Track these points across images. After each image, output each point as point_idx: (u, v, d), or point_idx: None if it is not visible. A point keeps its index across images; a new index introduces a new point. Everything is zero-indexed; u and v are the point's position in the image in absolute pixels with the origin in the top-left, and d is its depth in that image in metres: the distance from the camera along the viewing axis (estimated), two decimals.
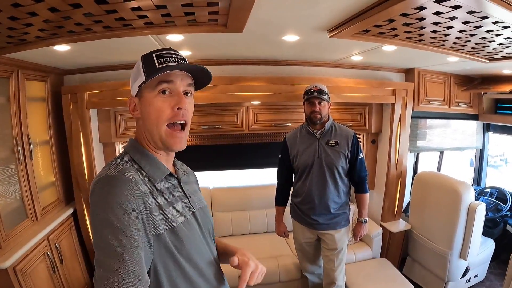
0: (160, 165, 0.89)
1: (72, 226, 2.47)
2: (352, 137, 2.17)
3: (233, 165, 3.52)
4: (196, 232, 0.91)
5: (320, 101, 2.12)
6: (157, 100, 0.86)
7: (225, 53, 2.38)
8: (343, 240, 2.25)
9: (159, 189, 0.86)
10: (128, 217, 0.72)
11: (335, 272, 2.24)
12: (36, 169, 2.17)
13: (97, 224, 0.72)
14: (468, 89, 3.19)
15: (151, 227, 0.77)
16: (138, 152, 0.89)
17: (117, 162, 0.85)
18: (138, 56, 0.93)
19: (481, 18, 1.37)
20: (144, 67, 0.87)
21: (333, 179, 2.15)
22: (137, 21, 1.38)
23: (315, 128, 2.19)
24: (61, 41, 1.62)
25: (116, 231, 0.70)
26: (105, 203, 0.73)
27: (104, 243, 0.69)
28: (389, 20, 1.44)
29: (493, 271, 3.16)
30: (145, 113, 0.88)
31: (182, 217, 0.87)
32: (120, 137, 2.59)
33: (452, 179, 2.61)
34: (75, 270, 2.43)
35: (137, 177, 0.81)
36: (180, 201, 0.91)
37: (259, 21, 1.53)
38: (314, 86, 2.14)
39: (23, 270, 1.86)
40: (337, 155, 2.14)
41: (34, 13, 1.19)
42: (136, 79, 0.89)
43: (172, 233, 0.82)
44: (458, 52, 2.08)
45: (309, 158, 2.16)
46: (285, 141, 2.31)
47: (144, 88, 0.87)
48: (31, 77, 2.15)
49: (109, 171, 0.79)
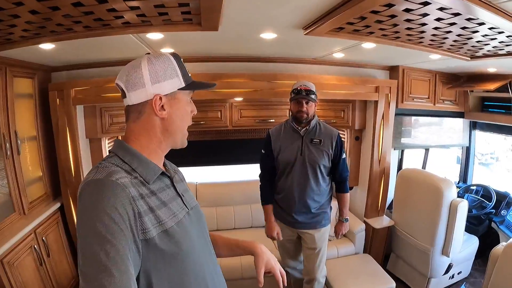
0: (152, 165, 0.87)
1: (59, 220, 2.50)
2: (336, 137, 2.18)
3: (218, 161, 3.56)
4: (191, 232, 0.90)
5: (308, 101, 2.09)
6: (188, 106, 0.93)
7: (207, 50, 2.40)
8: (323, 239, 2.26)
9: (151, 190, 0.84)
10: (116, 225, 0.70)
11: (315, 269, 2.28)
12: (23, 164, 2.20)
13: (83, 233, 0.70)
14: (453, 87, 3.21)
15: (139, 232, 0.75)
16: (128, 153, 0.85)
17: (105, 164, 0.81)
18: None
19: (453, 15, 1.38)
20: (181, 71, 0.90)
21: (315, 177, 2.15)
22: (115, 21, 1.42)
23: (300, 126, 2.17)
24: (45, 40, 1.66)
25: (103, 241, 0.67)
26: (91, 210, 0.71)
27: (90, 254, 0.67)
28: (361, 18, 1.47)
29: (478, 268, 3.18)
30: (176, 115, 0.90)
31: (176, 218, 0.86)
32: (105, 133, 2.62)
33: (434, 176, 2.64)
34: (62, 264, 2.47)
35: (126, 179, 0.78)
36: (173, 201, 0.89)
37: (233, 20, 1.56)
38: (303, 85, 2.10)
39: (10, 262, 1.89)
40: (320, 154, 2.14)
41: (17, 15, 1.24)
42: (168, 78, 0.87)
43: (165, 236, 0.80)
44: (438, 50, 2.10)
45: (292, 155, 2.15)
46: (268, 136, 2.26)
47: (179, 92, 0.90)
48: (19, 74, 2.18)
49: (96, 175, 0.77)
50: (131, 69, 0.86)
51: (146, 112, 0.87)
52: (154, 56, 0.87)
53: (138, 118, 0.88)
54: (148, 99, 0.86)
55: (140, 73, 0.85)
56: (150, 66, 0.85)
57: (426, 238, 2.63)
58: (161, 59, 0.87)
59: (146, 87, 0.85)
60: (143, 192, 0.81)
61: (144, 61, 0.86)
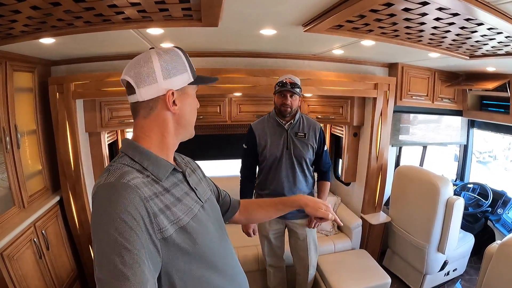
0: (163, 162, 0.86)
1: (58, 214, 2.52)
2: (319, 130, 2.21)
3: (216, 155, 3.57)
4: (207, 225, 0.91)
5: (292, 94, 2.08)
6: (195, 100, 0.95)
7: (206, 46, 2.40)
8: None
9: (164, 187, 0.84)
10: (130, 229, 0.69)
11: (309, 257, 2.34)
12: (23, 158, 2.21)
13: (98, 238, 0.69)
14: (452, 85, 3.21)
15: (157, 232, 0.75)
16: (137, 152, 0.84)
17: (116, 166, 0.80)
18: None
19: (452, 15, 1.39)
20: (189, 66, 0.90)
21: (301, 170, 2.19)
22: (115, 17, 1.42)
23: (285, 120, 2.17)
24: (45, 35, 1.66)
25: (118, 247, 0.66)
26: (105, 216, 0.70)
27: (105, 260, 0.66)
28: (360, 16, 1.48)
29: (473, 265, 3.21)
30: (187, 110, 0.91)
31: (191, 213, 0.86)
32: (105, 127, 2.63)
33: (431, 174, 2.65)
34: (62, 257, 2.48)
35: (139, 180, 0.77)
36: (187, 196, 0.89)
37: (233, 16, 1.57)
38: (288, 77, 2.09)
39: (10, 255, 1.90)
40: (305, 147, 2.16)
41: (18, 11, 1.25)
42: (179, 73, 0.87)
43: (183, 232, 0.80)
44: (437, 48, 2.10)
45: (278, 150, 2.15)
46: (251, 131, 2.21)
47: (188, 86, 0.90)
48: (19, 68, 2.18)
49: (108, 178, 0.76)
50: (141, 64, 0.84)
51: (157, 108, 0.86)
52: (163, 51, 0.86)
53: (149, 114, 0.86)
54: (160, 94, 0.84)
55: (151, 68, 0.83)
56: (161, 61, 0.84)
57: (422, 235, 2.65)
58: (170, 54, 0.86)
59: (158, 83, 0.83)
60: (157, 191, 0.81)
61: (155, 55, 0.84)
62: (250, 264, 2.72)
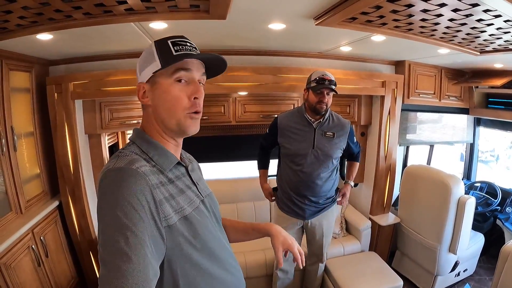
0: (169, 154, 0.89)
1: (57, 219, 2.44)
2: (349, 129, 2.18)
3: (221, 157, 3.51)
4: (207, 219, 0.92)
5: (329, 92, 2.01)
6: (173, 88, 0.86)
7: (211, 43, 2.34)
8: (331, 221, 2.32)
9: (169, 178, 0.86)
10: (136, 212, 0.71)
11: (322, 252, 2.37)
12: (20, 161, 2.14)
13: (103, 220, 0.71)
14: (459, 83, 3.18)
15: (162, 220, 0.76)
16: (145, 141, 0.88)
17: (125, 153, 0.83)
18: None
19: (471, 5, 1.34)
20: (159, 53, 0.85)
21: (326, 169, 2.12)
22: (117, 7, 1.35)
23: (314, 117, 2.10)
24: (42, 29, 1.59)
25: (123, 228, 0.68)
26: (112, 198, 0.72)
27: (110, 241, 0.67)
28: (376, 7, 1.42)
29: (483, 265, 3.18)
30: (158, 100, 0.87)
31: (193, 204, 0.88)
32: (105, 129, 2.55)
33: (441, 173, 2.61)
34: (61, 264, 2.40)
35: (146, 168, 0.79)
36: (189, 189, 0.91)
37: (242, 8, 1.50)
38: (325, 74, 2.00)
39: (7, 263, 1.83)
40: (333, 147, 2.10)
41: (12, 0, 1.17)
42: (147, 65, 0.87)
43: (185, 222, 0.82)
44: (449, 43, 2.07)
45: (303, 148, 2.10)
46: (276, 122, 2.19)
47: (158, 75, 0.86)
48: (15, 68, 2.10)
49: (117, 163, 0.78)
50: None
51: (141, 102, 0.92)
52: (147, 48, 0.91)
53: (143, 108, 0.92)
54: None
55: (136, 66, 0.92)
56: (140, 58, 0.91)
57: (433, 235, 2.61)
58: (145, 49, 0.90)
59: (138, 78, 0.91)
60: (162, 180, 0.83)
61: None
62: (257, 269, 2.67)
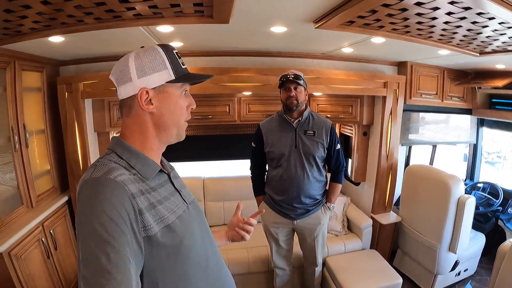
0: (151, 162, 0.86)
1: (66, 214, 2.52)
2: (330, 128, 2.17)
3: (226, 155, 3.56)
4: (192, 226, 0.90)
5: (296, 86, 2.07)
6: (182, 100, 0.89)
7: (216, 44, 2.39)
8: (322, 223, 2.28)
9: (151, 186, 0.84)
10: (116, 226, 0.68)
11: (316, 255, 2.36)
12: (31, 157, 2.22)
13: (83, 235, 0.68)
14: (461, 84, 3.19)
15: (141, 230, 0.74)
16: (125, 150, 0.84)
17: (103, 161, 0.80)
18: (131, 47, 0.94)
19: (464, 9, 1.37)
20: (171, 62, 0.86)
21: (311, 168, 2.15)
22: (126, 13, 1.42)
23: (292, 117, 2.15)
24: (55, 32, 1.65)
25: (103, 244, 0.65)
26: (90, 212, 0.69)
27: (90, 257, 0.64)
28: (372, 11, 1.46)
29: (484, 265, 3.17)
30: (167, 109, 0.87)
31: (176, 213, 0.86)
32: (114, 127, 2.63)
33: (442, 173, 2.62)
34: (69, 257, 2.48)
35: (125, 176, 0.76)
36: (172, 197, 0.89)
37: (244, 13, 1.56)
38: (290, 71, 2.10)
39: (18, 255, 1.90)
40: (315, 145, 2.13)
41: (28, 6, 1.24)
42: (155, 70, 0.84)
43: (168, 231, 0.80)
44: (448, 45, 2.08)
45: (286, 148, 2.13)
46: (259, 130, 2.23)
47: (169, 84, 0.86)
48: (28, 68, 2.19)
49: (94, 173, 0.75)
50: (120, 63, 0.85)
51: (135, 107, 0.85)
52: (142, 50, 0.86)
53: (130, 113, 0.86)
54: (135, 93, 0.83)
55: (127, 66, 0.83)
56: (137, 59, 0.84)
57: (433, 235, 2.62)
58: (148, 52, 0.85)
59: (133, 81, 0.83)
60: (143, 188, 0.80)
61: (132, 55, 0.84)
62: (260, 265, 2.71)
